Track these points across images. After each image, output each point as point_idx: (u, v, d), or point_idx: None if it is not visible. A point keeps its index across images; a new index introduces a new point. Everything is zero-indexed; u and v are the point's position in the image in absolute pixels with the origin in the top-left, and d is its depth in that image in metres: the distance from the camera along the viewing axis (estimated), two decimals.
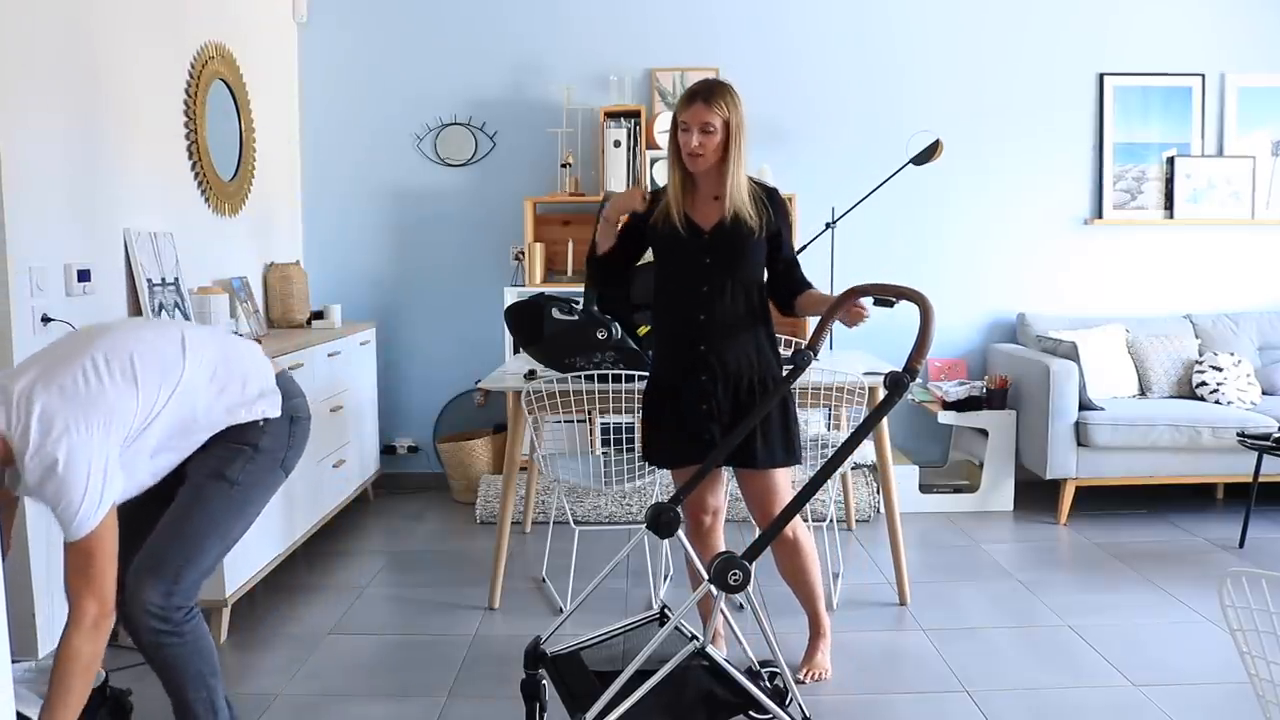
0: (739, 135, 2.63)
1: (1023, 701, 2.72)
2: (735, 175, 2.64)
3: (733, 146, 2.63)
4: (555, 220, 4.95)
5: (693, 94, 2.65)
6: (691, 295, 2.71)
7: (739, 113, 2.64)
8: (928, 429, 5.05)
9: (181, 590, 2.13)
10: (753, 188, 2.71)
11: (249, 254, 4.32)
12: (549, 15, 4.94)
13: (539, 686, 2.37)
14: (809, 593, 2.91)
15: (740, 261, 2.68)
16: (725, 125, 2.62)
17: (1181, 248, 5.07)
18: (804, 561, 2.86)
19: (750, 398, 2.70)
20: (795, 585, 2.91)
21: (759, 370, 2.71)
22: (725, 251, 2.68)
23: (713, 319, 2.70)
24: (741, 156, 2.64)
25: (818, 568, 2.90)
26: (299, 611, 3.42)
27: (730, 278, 2.68)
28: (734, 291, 2.69)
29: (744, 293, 2.70)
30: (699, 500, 2.84)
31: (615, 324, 3.27)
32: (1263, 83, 4.99)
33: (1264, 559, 3.93)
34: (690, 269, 2.71)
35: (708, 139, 2.62)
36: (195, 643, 2.18)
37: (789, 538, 2.82)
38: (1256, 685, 1.57)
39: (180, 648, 2.16)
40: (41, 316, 2.82)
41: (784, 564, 2.88)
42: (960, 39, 4.96)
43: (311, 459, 3.84)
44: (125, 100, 3.31)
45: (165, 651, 2.16)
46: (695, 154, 2.63)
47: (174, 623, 2.13)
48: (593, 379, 3.28)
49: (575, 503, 4.33)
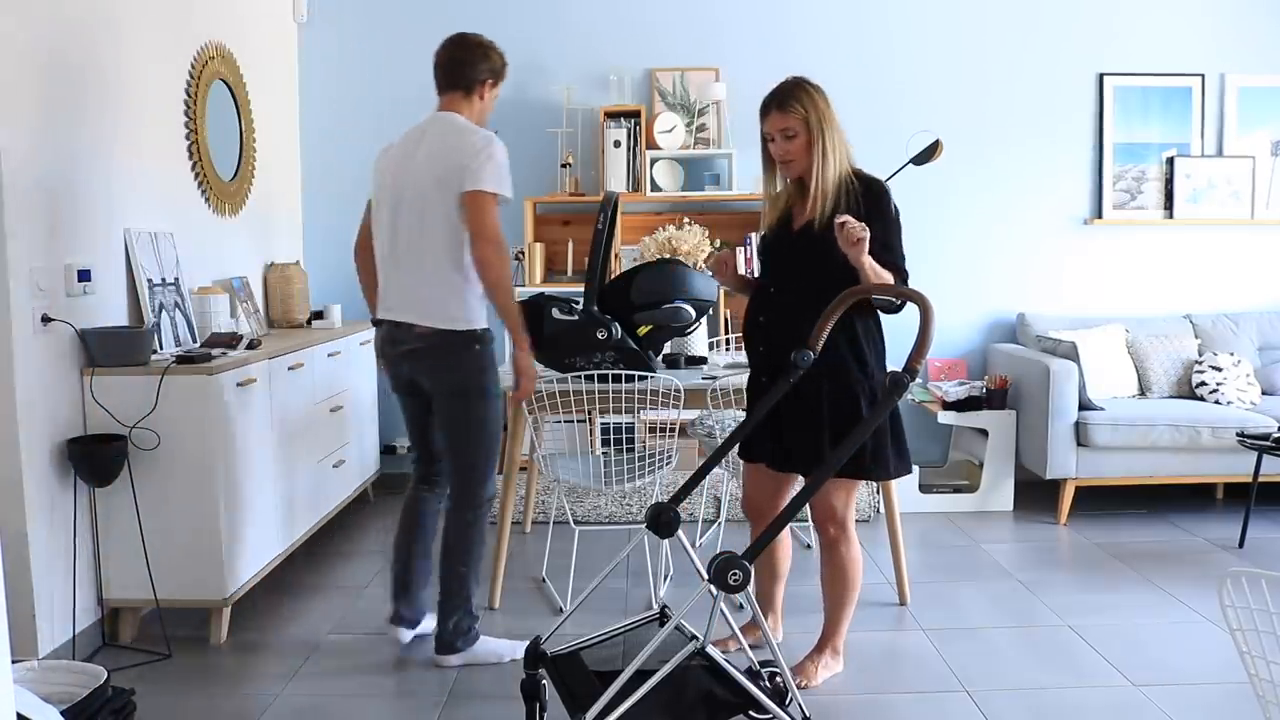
0: (823, 132, 2.58)
1: (1023, 701, 2.72)
2: (822, 173, 2.59)
3: (816, 146, 2.59)
4: (555, 220, 4.95)
5: (766, 104, 2.66)
6: (761, 296, 2.72)
7: (817, 107, 2.61)
8: (928, 429, 5.05)
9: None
10: (847, 181, 2.62)
11: (249, 254, 4.32)
12: (549, 15, 4.94)
13: (539, 686, 2.37)
14: (830, 609, 2.86)
15: (815, 262, 2.59)
16: (805, 124, 2.60)
17: (1181, 248, 5.07)
18: (836, 577, 2.81)
19: (817, 401, 2.60)
20: (824, 595, 2.88)
21: (828, 373, 2.57)
22: (803, 251, 2.64)
23: (773, 321, 2.68)
24: (829, 151, 2.58)
25: (849, 591, 2.82)
26: (299, 611, 3.42)
27: (801, 278, 2.63)
28: (804, 292, 2.61)
29: (818, 295, 2.55)
30: (746, 501, 2.91)
31: (615, 324, 3.27)
32: (1262, 83, 4.99)
33: (1264, 559, 3.93)
34: (769, 271, 2.71)
35: (792, 144, 2.62)
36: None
37: (833, 551, 2.78)
38: (1256, 685, 1.57)
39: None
40: (41, 316, 2.82)
41: (823, 571, 2.86)
42: (960, 39, 4.96)
43: (311, 459, 3.84)
44: (125, 100, 3.32)
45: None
46: (785, 160, 2.64)
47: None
48: (593, 379, 3.28)
49: (575, 503, 4.33)
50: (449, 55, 2.86)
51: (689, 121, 4.85)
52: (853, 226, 2.44)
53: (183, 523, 3.05)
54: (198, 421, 3.01)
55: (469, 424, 2.83)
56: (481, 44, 2.86)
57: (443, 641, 2.91)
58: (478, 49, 2.84)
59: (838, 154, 2.61)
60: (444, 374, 2.82)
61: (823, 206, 2.60)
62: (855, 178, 2.65)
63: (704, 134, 4.88)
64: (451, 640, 2.90)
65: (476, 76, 2.84)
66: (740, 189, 4.76)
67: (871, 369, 2.66)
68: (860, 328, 2.65)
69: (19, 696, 2.00)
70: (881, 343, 2.73)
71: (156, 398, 2.97)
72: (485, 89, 2.87)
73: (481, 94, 2.87)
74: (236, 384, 3.18)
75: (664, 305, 3.35)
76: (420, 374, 2.86)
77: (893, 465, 2.69)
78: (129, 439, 2.97)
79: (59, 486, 2.90)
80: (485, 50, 2.85)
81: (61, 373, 2.92)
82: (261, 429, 3.38)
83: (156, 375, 2.98)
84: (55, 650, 2.85)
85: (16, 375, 2.72)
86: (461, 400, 2.82)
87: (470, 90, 2.85)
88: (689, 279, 3.35)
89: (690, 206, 4.90)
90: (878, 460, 2.66)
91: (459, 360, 2.80)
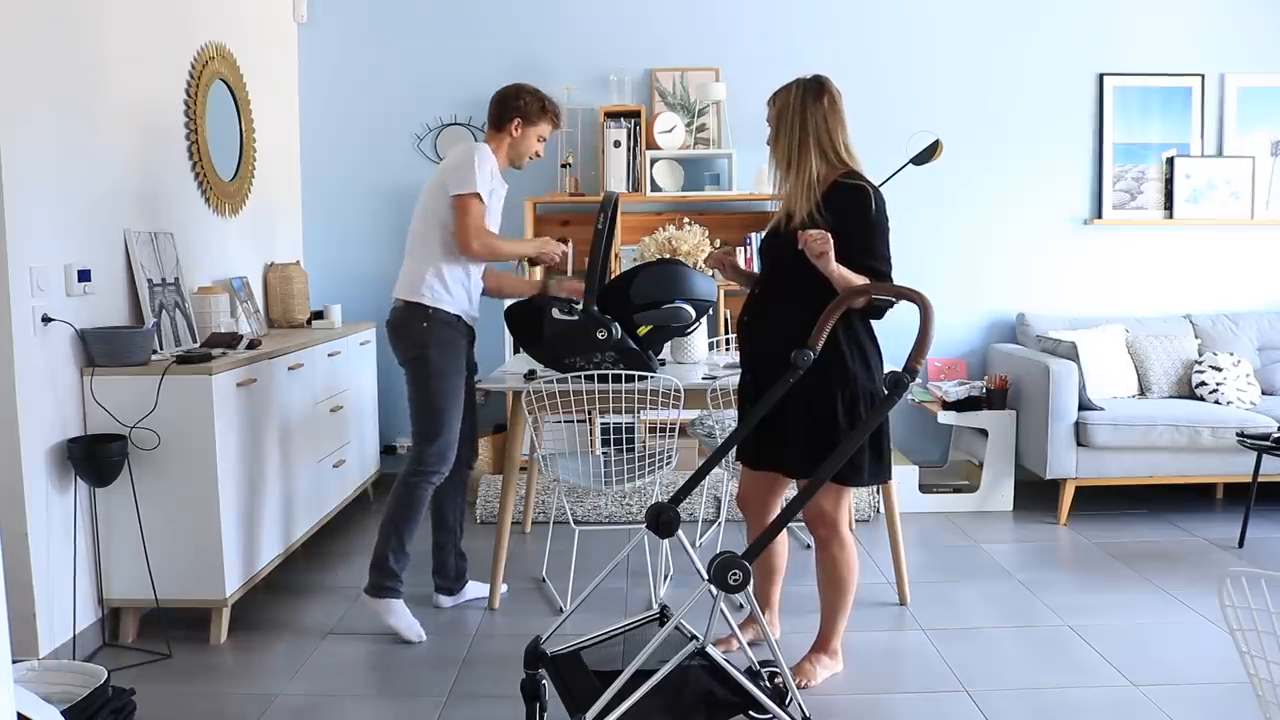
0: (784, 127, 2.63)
1: (1023, 701, 2.72)
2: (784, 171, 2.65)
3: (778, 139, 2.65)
4: (555, 220, 4.95)
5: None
6: (749, 298, 2.75)
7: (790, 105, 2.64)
8: (928, 429, 5.05)
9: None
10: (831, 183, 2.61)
11: (249, 254, 4.32)
12: (549, 15, 4.94)
13: (539, 686, 2.37)
14: (826, 610, 2.86)
15: (792, 264, 2.58)
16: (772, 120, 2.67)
17: (1181, 248, 5.07)
18: (832, 578, 2.81)
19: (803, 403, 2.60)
20: (820, 597, 2.88)
21: (815, 375, 2.55)
22: (777, 254, 2.67)
23: (757, 322, 2.70)
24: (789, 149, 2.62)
25: (845, 593, 2.82)
26: (299, 611, 3.42)
27: (782, 281, 2.65)
28: (786, 294, 2.64)
29: (799, 296, 2.59)
30: (742, 499, 2.92)
31: (615, 324, 3.26)
32: (1262, 83, 4.99)
33: (1264, 559, 3.93)
34: (761, 273, 2.75)
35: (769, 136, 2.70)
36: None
37: (826, 551, 2.78)
38: (1256, 685, 1.57)
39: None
40: (42, 316, 2.82)
41: (818, 572, 2.86)
42: (960, 39, 4.96)
43: (312, 459, 3.84)
44: (125, 100, 3.32)
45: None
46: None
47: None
48: (593, 379, 3.28)
49: (575, 503, 4.33)
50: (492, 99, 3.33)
51: (689, 121, 4.85)
52: (814, 239, 2.45)
53: (183, 523, 3.05)
54: (198, 421, 3.01)
55: (414, 393, 3.18)
56: (520, 93, 3.27)
57: (367, 583, 3.21)
58: (512, 98, 3.27)
59: (810, 155, 2.60)
60: (398, 342, 3.21)
61: (800, 206, 2.61)
62: (843, 181, 2.61)
63: (704, 134, 4.88)
64: (370, 586, 3.19)
65: (505, 117, 3.27)
66: (740, 189, 4.76)
67: (852, 371, 2.62)
68: (841, 329, 2.61)
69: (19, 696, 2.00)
70: (867, 343, 2.68)
71: (156, 398, 2.97)
72: (514, 128, 3.27)
73: (511, 131, 3.27)
74: (236, 384, 3.18)
75: (664, 305, 3.35)
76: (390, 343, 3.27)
77: (867, 472, 2.67)
78: (129, 439, 2.98)
79: (59, 486, 2.90)
80: (517, 97, 3.27)
81: (61, 373, 2.92)
82: (261, 429, 3.38)
83: (156, 375, 2.98)
84: (55, 650, 2.85)
85: (16, 375, 2.72)
86: (409, 369, 3.19)
87: (499, 129, 3.29)
88: (689, 279, 3.35)
89: (690, 206, 4.90)
90: (853, 466, 2.62)
91: (409, 330, 3.17)
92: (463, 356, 3.24)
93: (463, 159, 3.14)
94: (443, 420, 3.16)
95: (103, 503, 3.02)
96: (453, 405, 3.18)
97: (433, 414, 3.15)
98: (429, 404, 3.16)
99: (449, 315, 3.18)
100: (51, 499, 2.87)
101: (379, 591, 3.17)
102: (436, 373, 3.15)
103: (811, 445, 2.61)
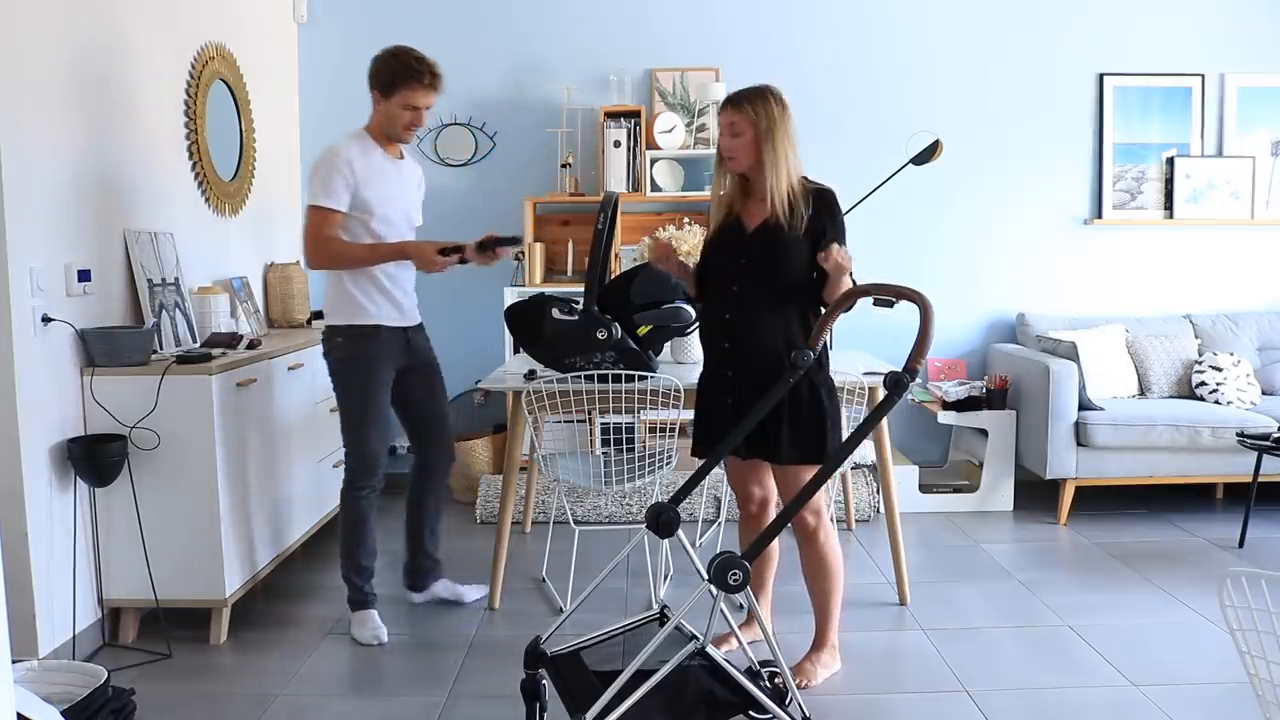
0: (771, 137, 2.65)
1: (1023, 701, 2.72)
2: (773, 177, 2.66)
3: (765, 148, 2.65)
4: (555, 220, 4.95)
5: (725, 99, 2.74)
6: (724, 294, 2.75)
7: (769, 115, 2.66)
8: (928, 429, 5.05)
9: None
10: (801, 188, 2.70)
11: (249, 254, 4.32)
12: (549, 15, 4.94)
13: (539, 686, 2.37)
14: (819, 603, 2.88)
15: (774, 262, 2.68)
16: (754, 126, 2.66)
17: (1181, 248, 5.07)
18: (821, 569, 2.84)
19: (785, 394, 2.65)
20: (810, 592, 2.90)
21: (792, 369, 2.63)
22: (761, 252, 2.70)
23: (739, 318, 2.72)
24: (779, 158, 2.66)
25: (835, 580, 2.86)
26: (299, 611, 3.42)
27: (764, 278, 2.69)
28: (767, 292, 2.69)
29: (778, 293, 2.69)
30: (739, 490, 2.94)
31: (615, 324, 3.27)
32: (1262, 83, 4.99)
33: (1264, 559, 3.93)
34: (727, 269, 2.75)
35: (735, 141, 2.69)
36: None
37: (813, 542, 2.81)
38: (1256, 685, 1.57)
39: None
40: (42, 316, 2.82)
41: (805, 567, 2.89)
42: (960, 39, 4.96)
43: (311, 459, 3.84)
44: (125, 100, 3.32)
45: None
46: (728, 156, 2.72)
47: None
48: (593, 379, 3.28)
49: (575, 503, 4.33)
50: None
51: (689, 121, 4.85)
52: (840, 255, 2.57)
53: (183, 523, 3.05)
54: (198, 421, 3.01)
55: (339, 406, 3.22)
56: (375, 61, 3.09)
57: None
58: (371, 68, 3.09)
59: (788, 162, 2.68)
60: (324, 358, 3.23)
61: (783, 209, 2.66)
62: (811, 184, 2.73)
63: (704, 134, 4.88)
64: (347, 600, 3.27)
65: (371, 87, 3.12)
66: None
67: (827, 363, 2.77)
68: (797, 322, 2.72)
69: (19, 696, 2.00)
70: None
71: (156, 398, 2.97)
72: (377, 98, 3.11)
73: (376, 102, 3.12)
74: (236, 384, 3.18)
75: (664, 305, 3.35)
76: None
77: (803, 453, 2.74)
78: (129, 439, 2.98)
79: (59, 486, 2.90)
80: (374, 64, 3.09)
81: (61, 373, 2.92)
82: (261, 429, 3.38)
83: (156, 375, 2.98)
84: (55, 650, 2.85)
85: (17, 375, 2.72)
86: (331, 382, 3.21)
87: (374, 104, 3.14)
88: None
89: (690, 206, 4.90)
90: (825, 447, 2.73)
91: (326, 349, 3.21)
92: (380, 366, 3.15)
93: (313, 169, 3.09)
94: (359, 434, 3.15)
95: (102, 503, 3.02)
96: (368, 420, 3.14)
97: (348, 429, 3.17)
98: (346, 420, 3.18)
99: (365, 328, 3.13)
100: (52, 499, 2.87)
101: (351, 605, 3.26)
102: (347, 389, 3.15)
103: (794, 430, 2.69)
